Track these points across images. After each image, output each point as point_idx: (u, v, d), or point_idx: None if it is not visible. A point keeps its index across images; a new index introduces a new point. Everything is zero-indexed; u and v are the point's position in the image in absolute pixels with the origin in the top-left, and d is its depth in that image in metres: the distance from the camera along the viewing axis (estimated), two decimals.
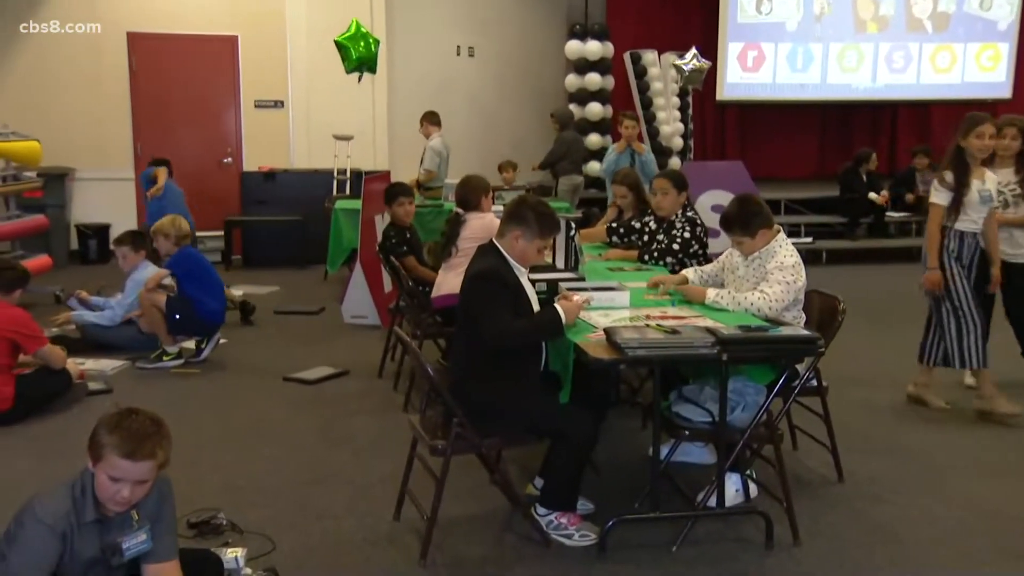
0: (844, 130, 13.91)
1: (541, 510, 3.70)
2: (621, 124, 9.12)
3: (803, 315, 4.24)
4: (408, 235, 6.15)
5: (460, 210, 5.63)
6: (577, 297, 3.76)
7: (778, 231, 4.21)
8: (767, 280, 4.09)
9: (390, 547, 3.60)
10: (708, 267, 4.60)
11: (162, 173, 8.77)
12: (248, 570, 3.19)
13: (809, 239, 10.99)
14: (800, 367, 3.97)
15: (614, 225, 5.87)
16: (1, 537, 2.74)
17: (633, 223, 5.73)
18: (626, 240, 5.71)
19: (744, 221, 4.13)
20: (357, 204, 7.82)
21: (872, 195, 11.11)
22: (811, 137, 13.98)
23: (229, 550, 3.24)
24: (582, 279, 4.61)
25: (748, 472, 3.97)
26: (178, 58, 10.89)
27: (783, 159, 13.61)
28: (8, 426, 4.93)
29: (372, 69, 9.88)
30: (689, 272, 4.58)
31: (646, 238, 5.52)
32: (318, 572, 3.39)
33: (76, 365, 5.57)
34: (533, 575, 3.38)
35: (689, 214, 5.31)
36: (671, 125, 12.06)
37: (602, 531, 3.55)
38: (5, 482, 4.20)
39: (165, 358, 6.22)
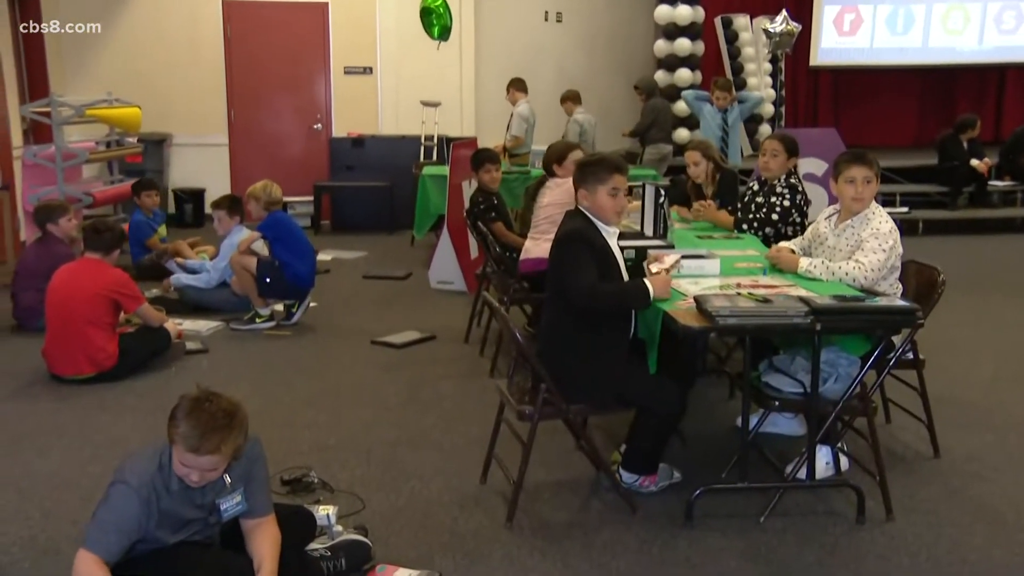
0: (946, 96, 13.38)
1: (626, 476, 3.72)
2: (713, 94, 9.10)
3: (900, 285, 4.12)
4: (496, 201, 6.17)
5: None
6: (668, 259, 3.71)
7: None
8: (862, 249, 3.98)
9: (476, 509, 3.64)
10: (797, 240, 4.50)
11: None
12: (339, 527, 3.25)
13: (905, 209, 10.62)
14: (896, 339, 3.85)
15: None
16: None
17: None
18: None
19: (874, 161, 4.04)
20: (444, 170, 7.86)
21: (974, 162, 10.68)
22: (909, 103, 13.49)
23: (321, 507, 3.31)
24: (671, 247, 4.56)
25: (839, 445, 3.90)
26: (270, 25, 11.06)
27: (879, 126, 13.17)
28: (114, 382, 5.14)
29: (446, 37, 9.93)
30: (790, 244, 4.49)
31: (745, 199, 5.40)
32: (406, 531, 3.45)
33: (174, 325, 5.76)
34: (619, 541, 3.38)
35: (792, 181, 5.16)
36: (762, 92, 11.77)
37: (689, 500, 3.52)
38: (114, 437, 4.38)
39: (258, 320, 6.38)
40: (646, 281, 3.59)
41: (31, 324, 5.95)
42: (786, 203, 5.09)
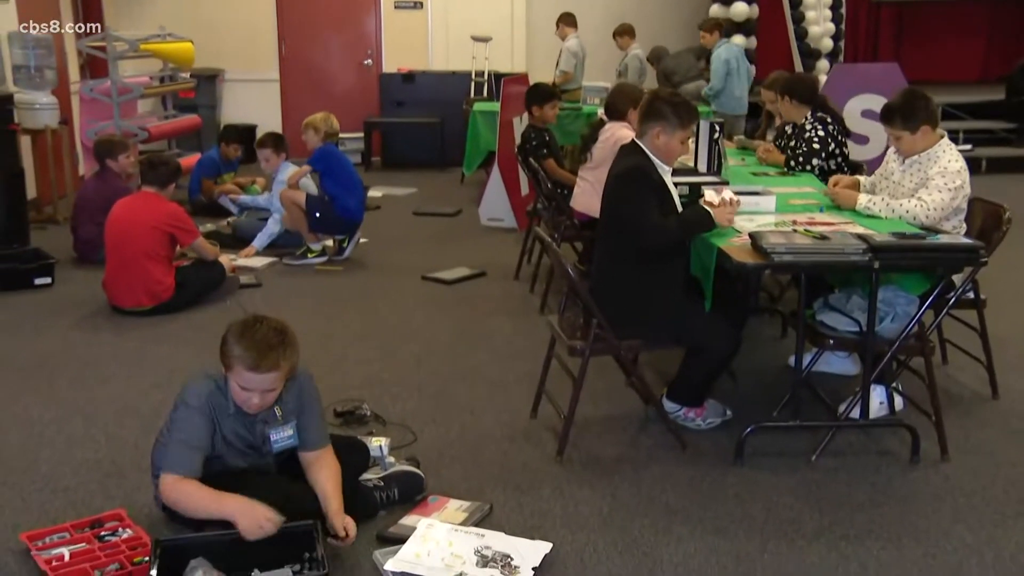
0: (1016, 28, 12.80)
1: (670, 405, 3.73)
2: None
3: (964, 225, 4.01)
4: (547, 137, 6.10)
5: (604, 117, 5.48)
6: (725, 194, 3.65)
7: (942, 135, 3.98)
8: (927, 187, 3.88)
9: (527, 443, 3.67)
10: (870, 179, 4.40)
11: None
12: (392, 459, 3.31)
13: (968, 146, 10.30)
14: (957, 278, 3.77)
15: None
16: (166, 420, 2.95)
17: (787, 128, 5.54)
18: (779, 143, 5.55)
19: (907, 113, 3.90)
20: (495, 106, 7.80)
21: None
22: (977, 37, 12.96)
23: (373, 439, 3.37)
24: (725, 183, 4.48)
25: (894, 384, 3.85)
26: None
27: (943, 61, 12.69)
28: (172, 314, 5.24)
29: None
30: (861, 178, 4.41)
31: (782, 143, 5.41)
32: (457, 464, 3.49)
33: (228, 260, 5.84)
34: (668, 476, 3.39)
35: (819, 115, 5.11)
36: (821, 26, 11.39)
37: (740, 437, 3.51)
38: (172, 367, 4.47)
39: (309, 255, 6.43)
40: (702, 203, 3.55)
41: (91, 256, 6.08)
42: (820, 133, 5.03)
